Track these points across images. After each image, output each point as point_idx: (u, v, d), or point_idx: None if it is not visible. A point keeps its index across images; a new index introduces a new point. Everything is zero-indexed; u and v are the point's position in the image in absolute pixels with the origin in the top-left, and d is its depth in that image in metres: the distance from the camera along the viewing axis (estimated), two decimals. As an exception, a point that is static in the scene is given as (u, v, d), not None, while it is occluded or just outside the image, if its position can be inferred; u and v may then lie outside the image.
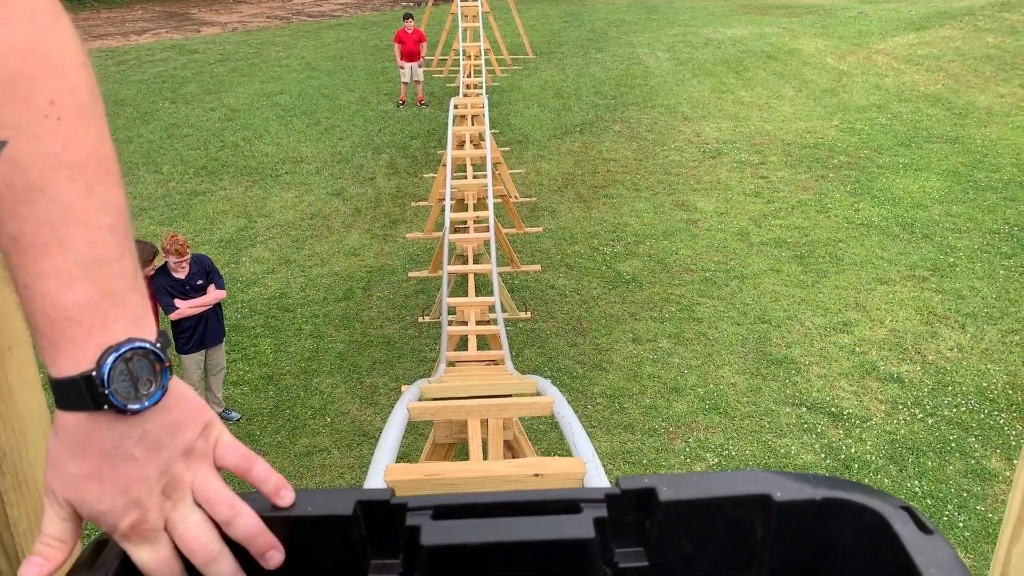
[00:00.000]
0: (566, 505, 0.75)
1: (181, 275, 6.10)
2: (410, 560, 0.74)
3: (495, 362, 5.29)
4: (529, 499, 0.75)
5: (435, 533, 0.72)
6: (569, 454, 2.90)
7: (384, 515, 0.75)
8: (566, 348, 7.29)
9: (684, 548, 0.77)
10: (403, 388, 4.14)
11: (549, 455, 5.62)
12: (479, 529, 0.72)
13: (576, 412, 6.40)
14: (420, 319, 7.74)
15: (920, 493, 5.58)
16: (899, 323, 7.51)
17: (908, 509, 0.74)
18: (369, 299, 8.23)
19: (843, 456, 5.93)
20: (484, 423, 3.26)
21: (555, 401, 2.87)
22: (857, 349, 7.16)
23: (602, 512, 0.74)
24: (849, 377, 6.81)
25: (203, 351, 6.32)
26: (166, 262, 6.12)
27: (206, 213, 10.42)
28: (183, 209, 10.51)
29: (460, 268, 6.89)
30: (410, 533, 0.73)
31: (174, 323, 6.13)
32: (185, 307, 6.11)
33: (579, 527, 0.72)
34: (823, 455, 5.96)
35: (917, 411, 6.37)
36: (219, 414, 6.45)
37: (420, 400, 3.79)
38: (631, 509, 0.77)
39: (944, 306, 7.73)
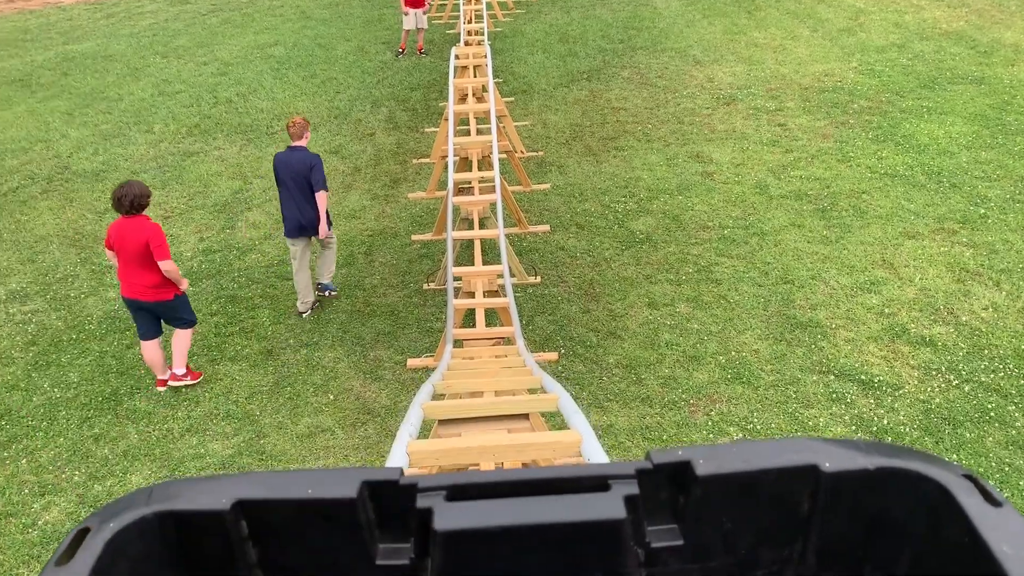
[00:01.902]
0: (594, 482, 0.70)
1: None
2: (422, 544, 0.70)
3: (505, 340, 4.94)
4: (553, 476, 0.70)
5: (449, 516, 0.67)
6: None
7: (393, 496, 0.70)
8: (578, 315, 6.93)
9: (723, 525, 0.72)
10: (409, 362, 3.87)
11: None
12: (497, 511, 0.67)
13: (591, 384, 6.09)
14: (424, 286, 7.38)
15: (958, 468, 5.26)
16: (929, 281, 7.12)
17: (972, 478, 0.68)
18: (371, 265, 7.86)
19: (875, 428, 5.60)
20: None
21: (582, 437, 2.52)
22: (886, 310, 6.79)
23: (633, 489, 0.69)
24: (878, 341, 6.45)
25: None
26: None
27: (200, 175, 10.01)
28: (176, 171, 10.09)
29: (465, 234, 6.50)
30: (421, 516, 0.69)
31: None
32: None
33: (608, 506, 0.68)
34: (854, 427, 5.63)
35: (952, 377, 6.02)
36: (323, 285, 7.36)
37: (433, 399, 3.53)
38: (664, 485, 0.72)
39: (976, 261, 7.33)
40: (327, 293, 7.40)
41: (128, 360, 6.66)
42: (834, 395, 5.92)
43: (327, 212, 6.94)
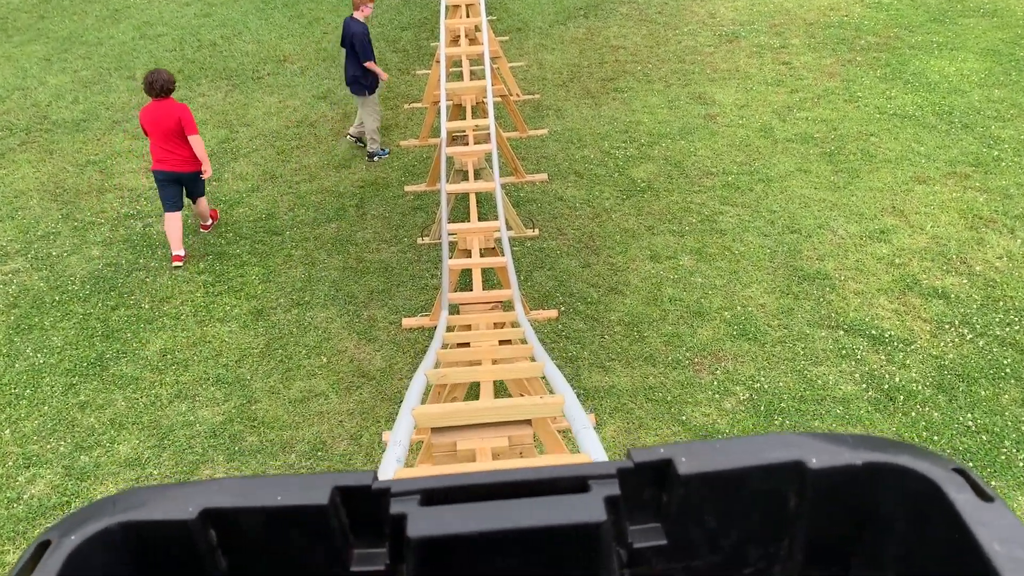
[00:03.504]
0: (572, 483, 0.68)
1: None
2: (397, 549, 0.68)
3: (503, 305, 4.72)
4: (529, 477, 0.68)
5: (423, 522, 0.65)
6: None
7: (365, 502, 0.70)
8: (578, 270, 6.70)
9: (707, 523, 0.71)
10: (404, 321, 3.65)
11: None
12: (473, 516, 0.65)
13: (592, 343, 5.89)
14: (419, 241, 7.13)
15: (973, 427, 5.10)
16: (941, 229, 6.88)
17: (963, 472, 0.67)
18: (363, 218, 7.59)
19: (886, 386, 5.43)
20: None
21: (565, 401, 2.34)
22: (896, 260, 6.56)
23: (614, 490, 0.68)
24: (889, 293, 6.24)
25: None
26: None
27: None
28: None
29: (460, 187, 6.22)
30: (396, 521, 0.67)
31: (366, 70, 8.21)
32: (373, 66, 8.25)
33: (589, 509, 0.65)
34: (864, 385, 5.46)
35: (966, 331, 5.83)
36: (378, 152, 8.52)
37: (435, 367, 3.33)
38: (646, 484, 0.71)
39: (990, 207, 7.08)
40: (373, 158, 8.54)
41: (113, 322, 6.44)
42: (843, 351, 5.73)
43: (373, 77, 8.33)
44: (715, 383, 5.54)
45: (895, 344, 5.76)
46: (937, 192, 7.34)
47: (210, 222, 7.55)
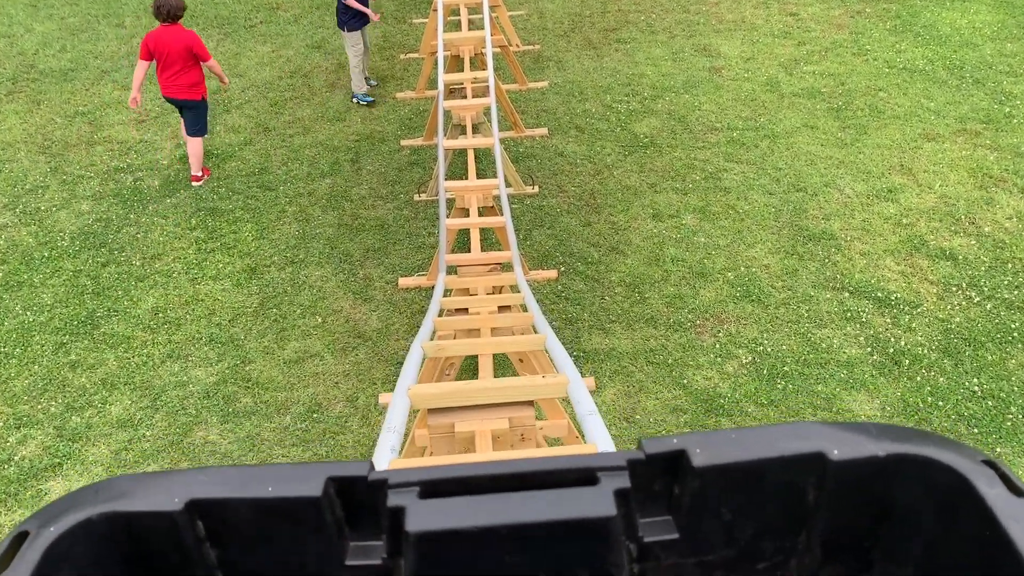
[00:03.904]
0: (581, 475, 0.65)
1: None
2: (395, 542, 0.65)
3: (502, 267, 4.59)
4: (535, 469, 0.65)
5: (423, 516, 0.62)
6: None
7: (362, 493, 0.66)
8: (579, 228, 6.56)
9: (721, 517, 0.68)
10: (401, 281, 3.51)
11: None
12: (475, 509, 0.62)
13: (592, 304, 5.77)
14: (416, 198, 6.97)
15: (979, 392, 5.02)
16: (950, 188, 6.73)
17: (992, 464, 0.64)
18: (358, 174, 7.42)
19: (891, 350, 5.33)
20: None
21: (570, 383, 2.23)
22: (903, 220, 6.42)
23: (624, 482, 0.65)
24: (895, 254, 6.11)
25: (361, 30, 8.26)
26: None
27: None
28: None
29: (458, 143, 6.05)
30: (393, 515, 0.64)
31: (347, 6, 8.00)
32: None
33: (598, 502, 0.63)
34: (869, 349, 5.36)
35: (973, 294, 5.71)
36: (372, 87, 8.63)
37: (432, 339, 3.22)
38: (658, 476, 0.68)
39: (1000, 166, 6.92)
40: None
41: (104, 279, 6.31)
42: (848, 313, 5.63)
43: (351, 14, 8.12)
44: (717, 346, 5.45)
45: (901, 307, 5.65)
46: (946, 150, 7.17)
47: (200, 174, 7.41)
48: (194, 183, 7.38)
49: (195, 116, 7.16)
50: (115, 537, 0.64)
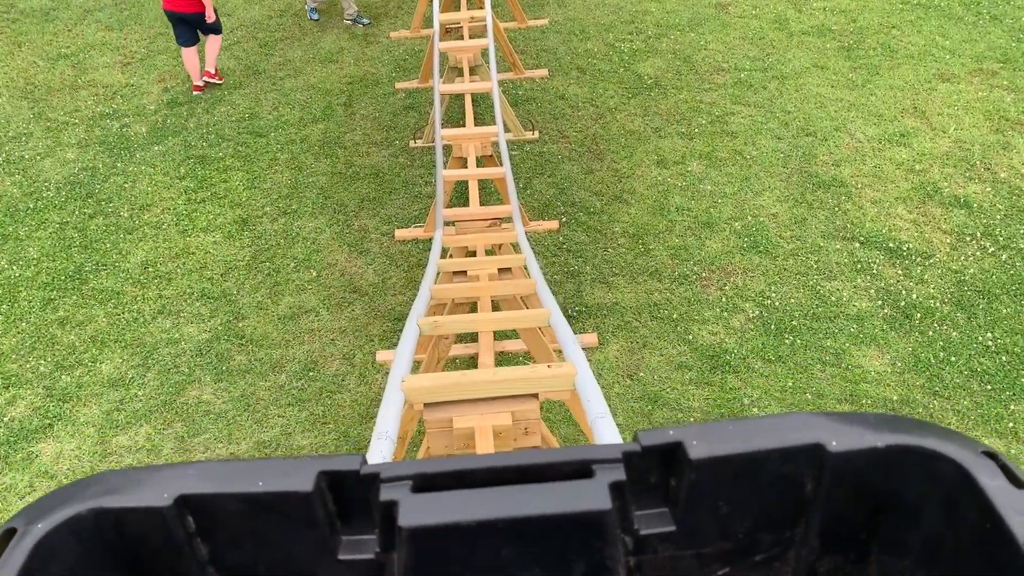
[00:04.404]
0: (576, 468, 0.64)
1: None
2: (388, 536, 0.65)
3: (501, 222, 4.40)
4: (529, 462, 0.65)
5: (416, 510, 0.61)
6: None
7: (354, 487, 0.66)
8: (581, 176, 6.34)
9: (719, 509, 0.68)
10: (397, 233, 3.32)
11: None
12: (469, 504, 0.61)
13: (595, 257, 5.61)
14: (411, 144, 6.73)
15: (993, 347, 4.88)
16: (964, 131, 6.49)
17: (993, 455, 0.64)
18: (351, 118, 7.16)
19: (902, 303, 5.18)
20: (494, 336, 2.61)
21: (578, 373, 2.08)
22: (916, 166, 6.21)
23: (619, 475, 0.64)
24: (907, 202, 5.92)
25: None
26: None
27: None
28: (135, 9, 9.10)
29: (455, 87, 5.80)
30: (386, 509, 0.63)
31: None
32: None
33: (592, 496, 0.62)
34: (879, 302, 5.21)
35: (988, 244, 5.54)
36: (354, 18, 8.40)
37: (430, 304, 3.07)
38: (654, 467, 0.68)
39: (1018, 108, 6.67)
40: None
41: (92, 232, 6.12)
42: (859, 265, 5.46)
43: None
44: (723, 299, 5.29)
45: (913, 257, 5.49)
46: (961, 91, 6.91)
47: (214, 73, 7.60)
48: (195, 92, 7.54)
49: (203, 24, 7.24)
50: (104, 533, 0.64)
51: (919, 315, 5.10)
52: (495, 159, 5.21)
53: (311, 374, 4.99)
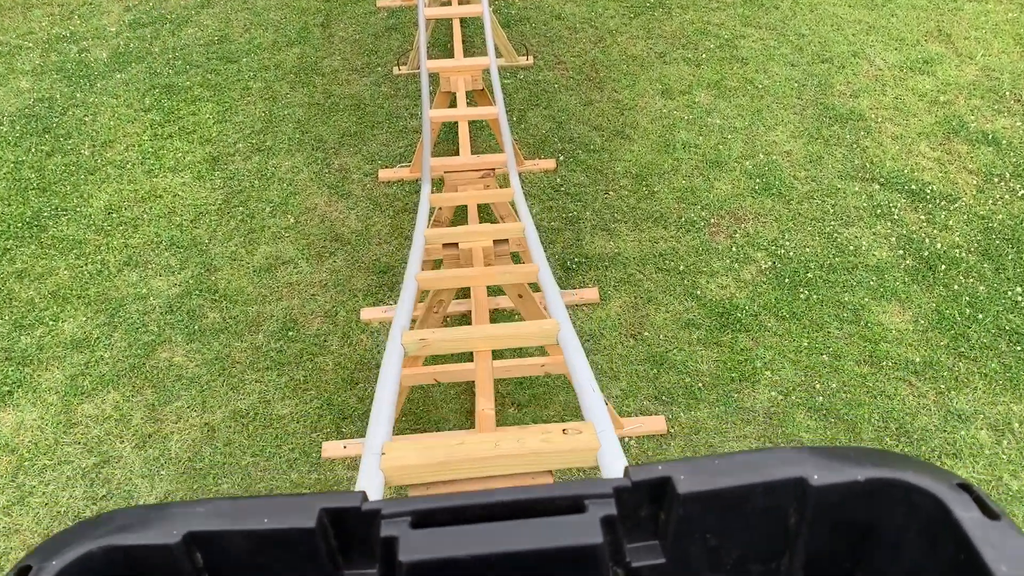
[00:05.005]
0: (568, 503, 0.67)
1: None
2: (388, 572, 0.67)
3: (495, 173, 3.98)
4: (525, 498, 0.67)
5: (414, 546, 0.65)
6: None
7: (355, 523, 0.69)
8: (579, 108, 5.86)
9: (707, 542, 0.70)
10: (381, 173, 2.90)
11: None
12: (465, 539, 0.64)
13: (595, 201, 5.20)
14: (395, 71, 6.21)
15: (1023, 303, 4.56)
16: (993, 58, 6.02)
17: (968, 488, 0.66)
18: (330, 42, 6.60)
19: (926, 253, 4.83)
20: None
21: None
22: (941, 97, 5.76)
23: (610, 509, 0.67)
24: (931, 138, 5.50)
25: None
26: None
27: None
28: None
29: (441, 11, 5.27)
30: (386, 544, 0.66)
31: None
32: None
33: (584, 530, 0.65)
34: (900, 251, 4.85)
35: (1018, 186, 5.16)
36: None
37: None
38: (644, 502, 0.70)
39: (1050, 31, 6.18)
40: None
41: (50, 172, 5.64)
42: (878, 209, 5.08)
43: None
44: (734, 248, 4.92)
45: (937, 201, 5.10)
46: (990, 11, 6.39)
47: None
48: None
49: None
50: (115, 569, 0.66)
51: (943, 266, 4.76)
52: (487, 95, 4.75)
53: (290, 334, 4.63)
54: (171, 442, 4.16)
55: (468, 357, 3.86)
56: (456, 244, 3.02)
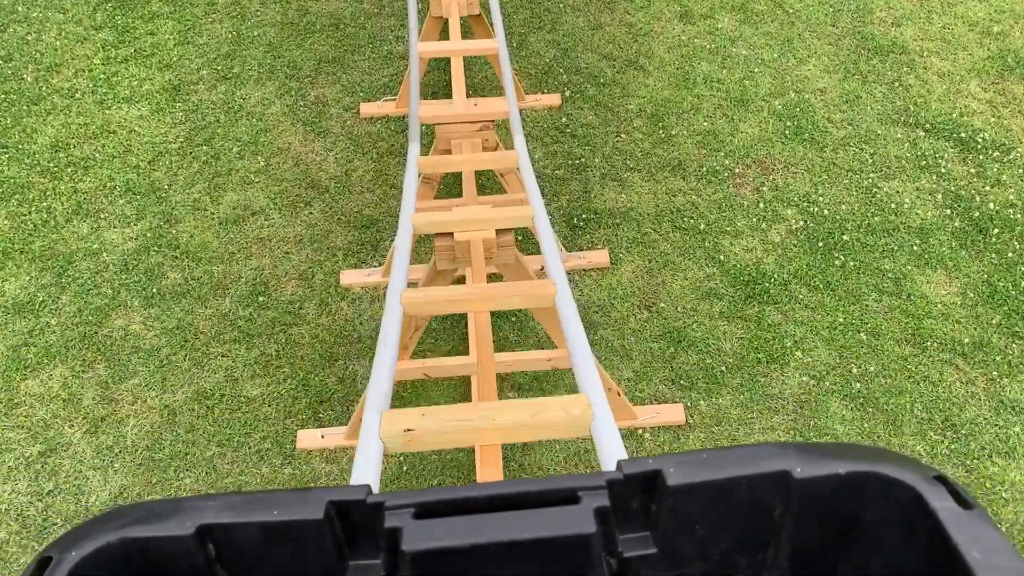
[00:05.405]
0: (563, 495, 0.69)
1: None
2: (393, 560, 0.68)
3: (495, 126, 3.39)
4: (521, 490, 0.69)
5: (417, 535, 0.66)
6: None
7: (360, 516, 0.71)
8: (587, 33, 5.19)
9: (696, 532, 0.72)
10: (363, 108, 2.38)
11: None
12: (466, 529, 0.66)
13: (605, 145, 4.61)
14: (379, -13, 5.49)
15: (1082, 274, 4.07)
16: (1053, -20, 5.35)
17: (943, 480, 0.68)
18: (306, -51, 5.83)
19: (976, 213, 4.30)
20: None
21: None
22: (994, 28, 5.12)
23: (603, 501, 0.69)
24: (982, 76, 4.89)
25: None
26: None
27: None
28: None
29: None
30: (390, 535, 0.68)
31: None
32: None
33: (578, 521, 0.67)
34: (948, 210, 4.33)
35: (1079, 135, 4.60)
36: None
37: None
38: (635, 494, 0.72)
39: (1118, -50, 5.48)
40: None
41: (-12, 101, 4.99)
42: (923, 160, 4.53)
43: None
44: (761, 204, 4.38)
45: (989, 151, 4.55)
46: (1050, -76, 5.67)
47: None
48: None
49: None
50: (132, 561, 0.69)
51: (995, 229, 4.24)
52: (483, 22, 4.11)
53: (261, 299, 4.11)
54: (127, 427, 3.68)
55: (465, 351, 3.38)
56: (451, 234, 2.48)
